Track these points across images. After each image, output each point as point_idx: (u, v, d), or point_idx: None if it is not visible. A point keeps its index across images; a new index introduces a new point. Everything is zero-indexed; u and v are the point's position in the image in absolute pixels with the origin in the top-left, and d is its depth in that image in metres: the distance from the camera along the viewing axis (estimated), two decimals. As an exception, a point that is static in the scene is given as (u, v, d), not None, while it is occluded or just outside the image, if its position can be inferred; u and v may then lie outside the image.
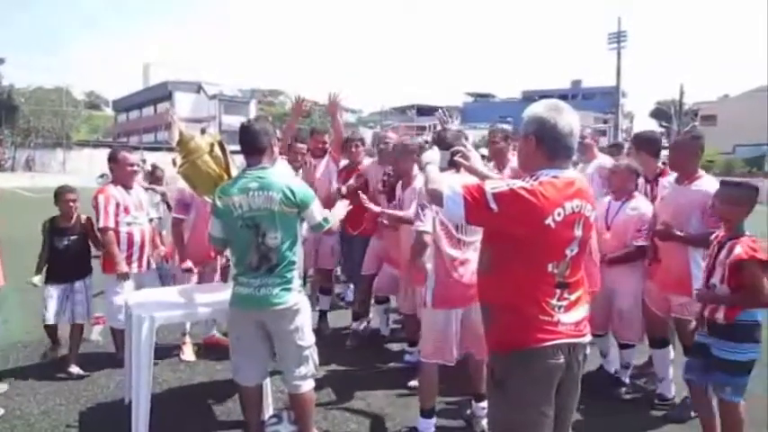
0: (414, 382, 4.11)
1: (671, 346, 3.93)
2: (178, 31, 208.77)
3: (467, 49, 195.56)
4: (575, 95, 65.93)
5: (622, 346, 4.08)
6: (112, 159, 4.39)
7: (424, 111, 68.19)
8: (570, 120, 2.03)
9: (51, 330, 4.34)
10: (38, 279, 4.31)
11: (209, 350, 4.84)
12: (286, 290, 2.91)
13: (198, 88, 60.70)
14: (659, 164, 4.26)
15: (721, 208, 3.08)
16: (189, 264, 4.41)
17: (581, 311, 2.10)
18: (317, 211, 3.02)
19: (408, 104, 72.27)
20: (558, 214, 1.95)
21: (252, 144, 2.98)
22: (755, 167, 36.98)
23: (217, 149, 3.50)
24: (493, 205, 1.93)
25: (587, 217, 2.06)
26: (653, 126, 60.23)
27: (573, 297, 2.07)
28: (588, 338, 2.13)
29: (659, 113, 64.19)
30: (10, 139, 38.03)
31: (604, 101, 56.77)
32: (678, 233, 3.51)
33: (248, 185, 2.89)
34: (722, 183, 3.23)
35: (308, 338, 3.01)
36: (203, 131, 3.73)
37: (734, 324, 2.90)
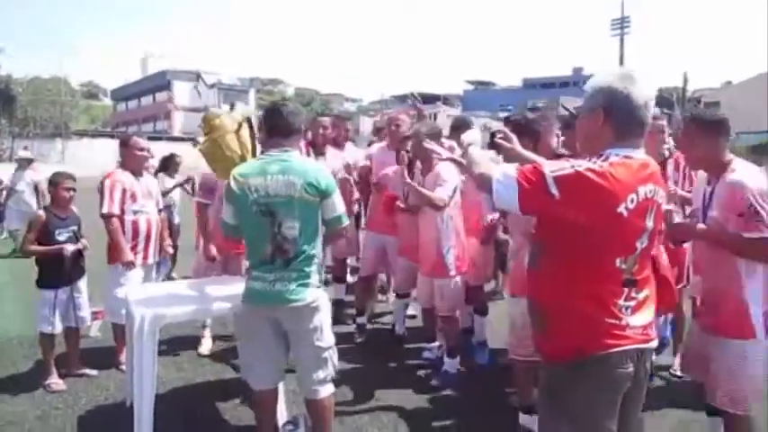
0: (435, 381, 3.87)
1: None
2: (176, 20, 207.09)
3: (467, 36, 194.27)
4: (576, 83, 65.19)
5: None
6: (123, 144, 4.21)
7: (425, 99, 67.46)
8: (645, 90, 1.75)
9: (50, 341, 3.87)
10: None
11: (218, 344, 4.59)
12: (303, 285, 2.63)
13: (197, 77, 60.08)
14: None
15: None
16: (213, 251, 4.15)
17: (649, 313, 1.82)
18: (338, 202, 2.75)
19: (409, 92, 71.58)
20: (632, 201, 1.67)
21: (283, 126, 2.72)
22: (759, 155, 36.59)
23: (245, 129, 3.23)
24: (553, 190, 1.66)
25: (660, 204, 1.79)
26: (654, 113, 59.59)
27: (641, 296, 1.80)
28: (656, 343, 1.87)
29: (661, 101, 63.58)
30: (8, 129, 37.61)
31: (606, 88, 56.10)
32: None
33: (267, 168, 2.62)
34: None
35: (326, 339, 2.74)
36: (233, 106, 3.45)
37: None
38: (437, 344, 4.28)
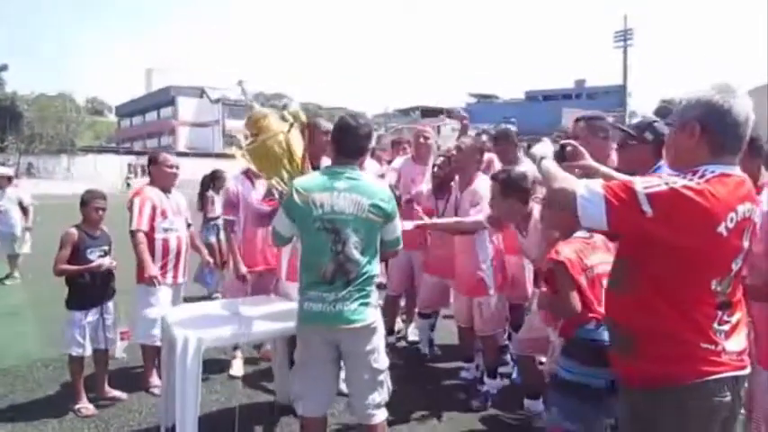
0: (476, 402, 3.76)
1: None
2: (180, 35, 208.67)
3: (470, 49, 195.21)
4: (579, 95, 65.36)
5: None
6: (152, 161, 4.13)
7: (428, 112, 67.84)
8: (746, 105, 1.66)
9: (80, 364, 3.77)
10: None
11: (247, 366, 4.48)
12: (364, 305, 2.54)
13: (201, 92, 60.42)
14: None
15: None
16: (244, 270, 4.06)
17: (743, 337, 1.73)
18: (398, 224, 2.71)
19: (412, 106, 71.84)
20: (731, 220, 1.59)
21: (356, 148, 2.65)
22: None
23: (295, 131, 3.15)
24: (646, 208, 1.57)
25: (755, 224, 1.71)
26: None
27: (734, 320, 1.71)
28: (749, 370, 1.77)
29: (664, 112, 63.68)
30: (14, 145, 37.79)
31: (608, 100, 56.22)
32: None
33: (334, 184, 2.54)
34: None
35: (383, 361, 2.65)
36: (285, 107, 3.37)
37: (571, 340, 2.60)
38: (474, 363, 4.17)
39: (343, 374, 2.74)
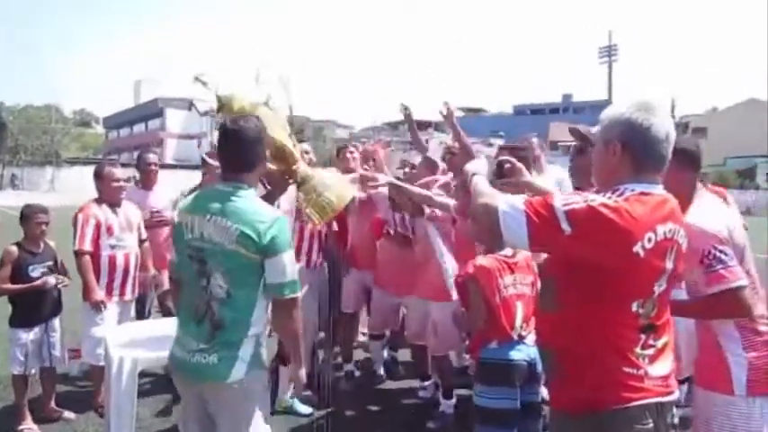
0: (432, 424, 3.67)
1: None
2: (170, 48, 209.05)
3: (458, 63, 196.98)
4: (566, 109, 66.07)
5: None
6: (98, 175, 3.96)
7: (417, 125, 68.04)
8: (665, 122, 1.62)
9: (23, 383, 3.63)
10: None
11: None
12: (229, 360, 2.05)
13: (189, 105, 60.26)
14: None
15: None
16: None
17: (668, 362, 1.67)
18: (288, 265, 2.08)
19: (401, 119, 72.04)
20: (649, 240, 1.53)
21: (235, 154, 2.15)
22: (747, 179, 37.36)
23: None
24: (565, 226, 1.51)
25: (680, 245, 1.65)
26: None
27: (659, 344, 1.64)
28: (676, 395, 1.70)
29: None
30: (-2, 156, 37.39)
31: (594, 114, 56.49)
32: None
33: (209, 205, 2.11)
34: None
35: (255, 429, 2.13)
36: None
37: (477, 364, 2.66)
38: (432, 381, 4.07)
39: None
